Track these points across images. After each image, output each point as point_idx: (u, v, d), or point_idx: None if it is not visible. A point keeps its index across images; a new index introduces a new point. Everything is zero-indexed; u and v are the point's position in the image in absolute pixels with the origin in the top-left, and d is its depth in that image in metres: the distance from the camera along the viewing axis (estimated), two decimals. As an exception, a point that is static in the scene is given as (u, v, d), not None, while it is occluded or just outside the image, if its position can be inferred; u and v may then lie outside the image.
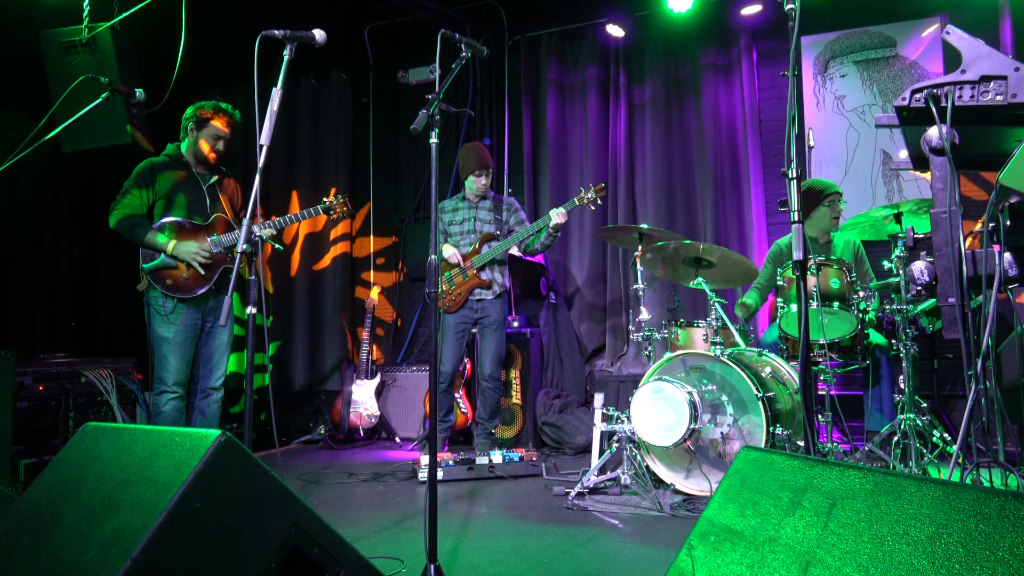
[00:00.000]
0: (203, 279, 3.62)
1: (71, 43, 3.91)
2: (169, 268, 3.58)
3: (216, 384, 3.72)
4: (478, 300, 4.49)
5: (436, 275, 2.39)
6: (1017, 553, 1.00)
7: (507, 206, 4.62)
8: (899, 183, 4.99)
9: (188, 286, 3.59)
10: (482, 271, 4.46)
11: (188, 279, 3.60)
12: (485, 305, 4.49)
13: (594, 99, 5.82)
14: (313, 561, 1.62)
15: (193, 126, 3.71)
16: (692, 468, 3.45)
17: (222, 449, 1.49)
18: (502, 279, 4.54)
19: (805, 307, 2.17)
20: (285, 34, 2.47)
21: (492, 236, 4.51)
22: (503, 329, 4.54)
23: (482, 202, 4.57)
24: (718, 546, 1.46)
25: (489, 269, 4.48)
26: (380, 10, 6.00)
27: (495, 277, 4.49)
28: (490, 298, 4.48)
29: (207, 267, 3.62)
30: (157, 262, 3.57)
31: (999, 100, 1.66)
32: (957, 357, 4.56)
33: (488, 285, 4.46)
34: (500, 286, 4.51)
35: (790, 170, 2.22)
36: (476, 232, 4.53)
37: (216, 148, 3.73)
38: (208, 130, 3.70)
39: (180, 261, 3.58)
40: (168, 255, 3.56)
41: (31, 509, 1.74)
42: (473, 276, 4.44)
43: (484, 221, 4.54)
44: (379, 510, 3.40)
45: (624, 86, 5.70)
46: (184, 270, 3.60)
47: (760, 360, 3.64)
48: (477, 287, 4.46)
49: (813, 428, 2.14)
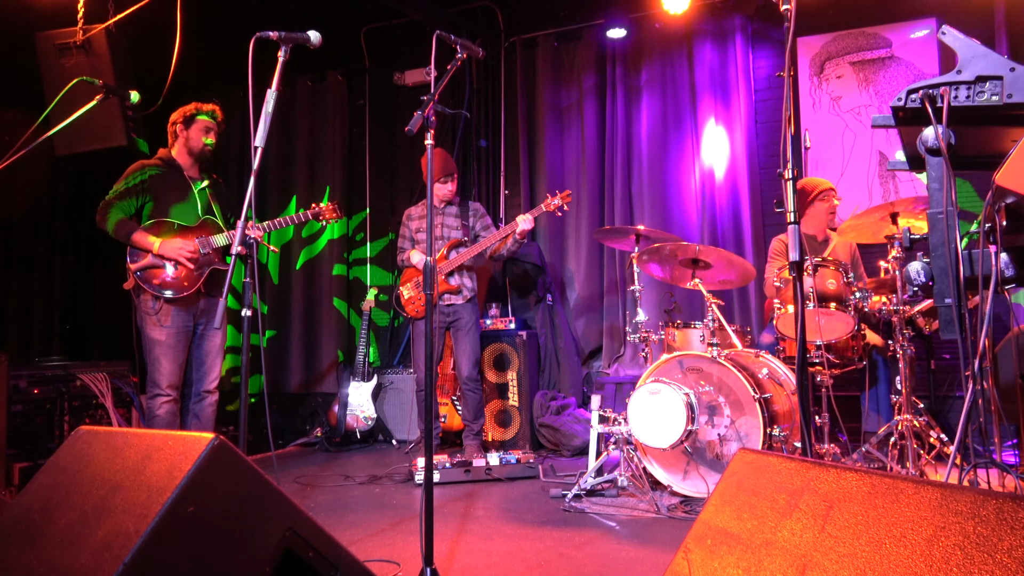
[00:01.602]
0: (191, 279, 3.60)
1: (66, 45, 3.90)
2: (156, 267, 3.57)
3: (211, 387, 3.70)
4: (448, 304, 4.49)
5: (432, 277, 2.39)
6: (1015, 555, 1.00)
7: (473, 212, 4.63)
8: (895, 184, 5.00)
9: (176, 285, 3.57)
10: (450, 277, 4.46)
11: (176, 278, 3.58)
12: (456, 309, 4.49)
13: (590, 100, 5.82)
14: (308, 565, 1.61)
15: (181, 126, 3.74)
16: (689, 470, 3.45)
17: (215, 453, 1.48)
18: (471, 283, 4.54)
19: (802, 308, 2.16)
20: (280, 36, 2.46)
21: (459, 242, 4.51)
22: (476, 331, 4.54)
23: (448, 208, 4.58)
24: (715, 549, 1.45)
25: (458, 275, 4.48)
26: (376, 12, 5.99)
27: (464, 282, 4.49)
28: (460, 302, 4.48)
29: (195, 266, 3.60)
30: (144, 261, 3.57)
31: (995, 100, 1.66)
32: (954, 358, 4.56)
33: (457, 290, 4.46)
34: (470, 290, 4.52)
35: (786, 171, 2.22)
36: (443, 238, 4.53)
37: (208, 140, 3.76)
38: (196, 124, 3.73)
39: (167, 259, 3.57)
40: (155, 254, 3.55)
41: (23, 513, 1.73)
42: (441, 281, 4.44)
43: (451, 227, 4.55)
44: (375, 513, 3.39)
45: (620, 87, 5.70)
46: (171, 269, 3.58)
47: (757, 361, 3.63)
48: (445, 292, 4.46)
49: (810, 430, 2.13)
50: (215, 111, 3.78)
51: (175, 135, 3.76)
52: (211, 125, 3.76)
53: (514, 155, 6.05)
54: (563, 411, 5.03)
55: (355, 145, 6.56)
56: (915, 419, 3.27)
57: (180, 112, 3.75)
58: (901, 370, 3.33)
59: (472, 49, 2.59)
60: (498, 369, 5.14)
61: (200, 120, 3.73)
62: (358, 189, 6.50)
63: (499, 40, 6.14)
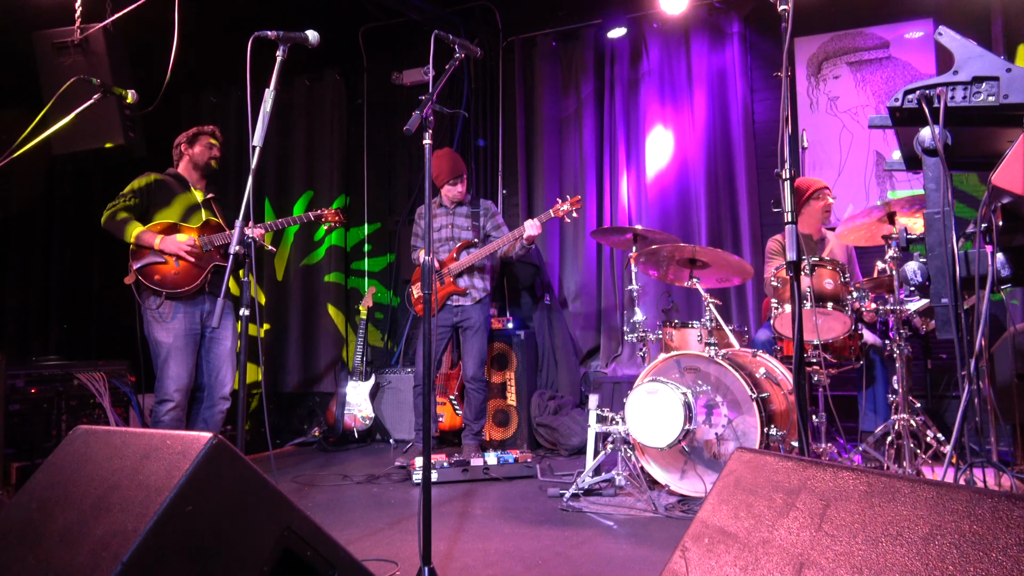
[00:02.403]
0: (194, 275, 3.62)
1: (63, 44, 3.89)
2: (158, 263, 3.61)
3: (225, 393, 3.71)
4: (457, 305, 4.49)
5: (430, 276, 2.39)
6: (1010, 554, 1.00)
7: (484, 210, 4.62)
8: (892, 184, 5.01)
9: (178, 281, 3.59)
10: (459, 278, 4.46)
11: (178, 274, 3.61)
12: (465, 309, 4.49)
13: (588, 100, 5.82)
14: (306, 564, 1.61)
15: (185, 145, 3.90)
16: (687, 469, 3.45)
17: (214, 452, 1.48)
18: (482, 284, 4.54)
19: (799, 308, 2.17)
20: (278, 35, 2.46)
21: (470, 243, 4.51)
22: (485, 332, 4.54)
23: (459, 208, 4.57)
24: (712, 548, 1.46)
25: (468, 276, 4.48)
26: (374, 11, 5.99)
27: (473, 283, 4.49)
28: (469, 303, 4.48)
29: (197, 263, 3.63)
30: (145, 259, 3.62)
31: (991, 101, 1.66)
32: (950, 357, 4.57)
33: (465, 292, 4.46)
34: (480, 291, 4.51)
35: (784, 171, 2.22)
36: (454, 239, 4.53)
37: (213, 153, 3.93)
38: (200, 141, 3.90)
39: (168, 255, 3.62)
40: (156, 249, 3.62)
41: (21, 513, 1.73)
42: (449, 283, 4.44)
43: (462, 228, 4.54)
44: (373, 512, 3.39)
45: (618, 86, 5.70)
46: (173, 265, 3.62)
47: (754, 361, 3.64)
48: (454, 293, 4.46)
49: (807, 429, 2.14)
50: (215, 131, 3.98)
51: (180, 154, 3.92)
52: (214, 143, 3.94)
53: (512, 155, 6.05)
54: (561, 411, 5.03)
55: (353, 145, 6.56)
56: (912, 418, 3.28)
57: (183, 135, 3.93)
58: (898, 370, 3.33)
59: (470, 49, 2.59)
60: (496, 368, 5.15)
61: (203, 138, 3.90)
62: (356, 189, 6.49)
63: (497, 40, 6.14)
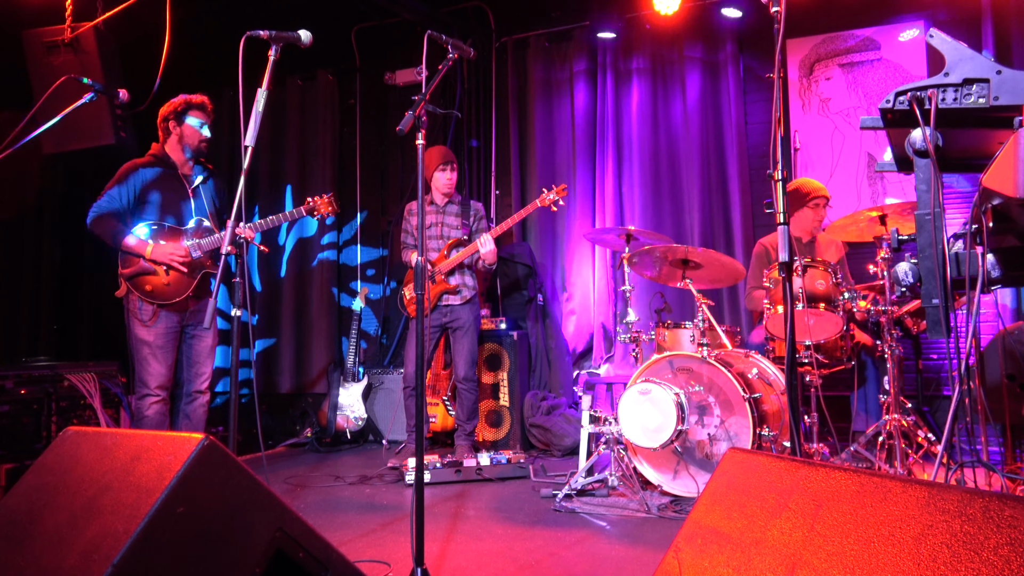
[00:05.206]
0: (184, 284, 3.52)
1: (54, 43, 3.87)
2: (148, 274, 3.48)
3: (202, 387, 3.66)
4: (446, 305, 4.48)
5: (422, 277, 2.39)
6: (1001, 553, 1.01)
7: (474, 212, 4.62)
8: (884, 185, 5.03)
9: (168, 293, 3.49)
10: (450, 276, 4.46)
11: (168, 284, 3.49)
12: (454, 310, 4.48)
13: (581, 101, 5.83)
14: (298, 565, 1.60)
15: (173, 122, 3.59)
16: (679, 469, 3.46)
17: (205, 453, 1.48)
18: (472, 282, 4.53)
19: (791, 308, 2.17)
20: (270, 35, 2.45)
21: (459, 242, 4.50)
22: (475, 332, 4.53)
23: (449, 207, 4.57)
24: (705, 548, 1.46)
25: (459, 274, 4.47)
26: (366, 11, 5.97)
27: (464, 281, 4.49)
28: (459, 303, 4.47)
29: (188, 271, 3.53)
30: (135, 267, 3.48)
31: (981, 103, 1.67)
32: (941, 358, 4.59)
33: (456, 290, 4.45)
34: (470, 290, 4.51)
35: (776, 172, 2.23)
36: (444, 238, 4.52)
37: (204, 133, 3.63)
38: (190, 118, 3.59)
39: (159, 265, 3.48)
40: (147, 259, 3.46)
41: (11, 514, 1.71)
42: (441, 281, 4.44)
43: (451, 227, 4.54)
44: (366, 513, 3.38)
45: (611, 88, 5.71)
46: (164, 275, 3.49)
47: (747, 361, 3.65)
48: (445, 292, 4.45)
49: (799, 429, 2.14)
50: (205, 103, 3.64)
51: (167, 131, 3.62)
52: (204, 120, 3.63)
53: (505, 155, 6.04)
54: (554, 411, 5.04)
55: (346, 145, 6.54)
56: (903, 419, 3.30)
57: (170, 107, 3.59)
58: (889, 370, 3.35)
59: (463, 49, 2.59)
60: (489, 369, 5.14)
61: (193, 114, 3.59)
62: (349, 189, 6.48)
63: (490, 40, 6.13)
